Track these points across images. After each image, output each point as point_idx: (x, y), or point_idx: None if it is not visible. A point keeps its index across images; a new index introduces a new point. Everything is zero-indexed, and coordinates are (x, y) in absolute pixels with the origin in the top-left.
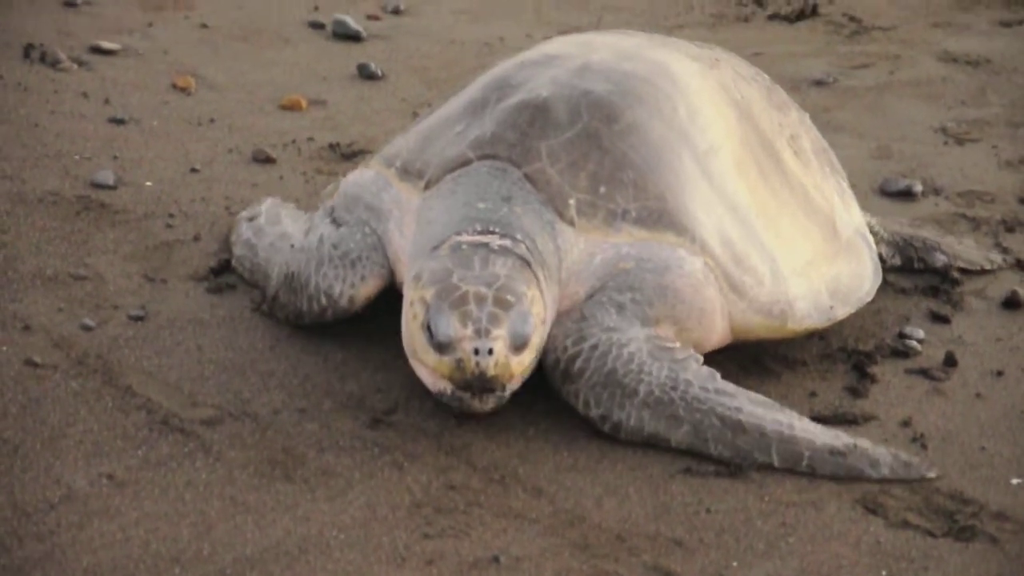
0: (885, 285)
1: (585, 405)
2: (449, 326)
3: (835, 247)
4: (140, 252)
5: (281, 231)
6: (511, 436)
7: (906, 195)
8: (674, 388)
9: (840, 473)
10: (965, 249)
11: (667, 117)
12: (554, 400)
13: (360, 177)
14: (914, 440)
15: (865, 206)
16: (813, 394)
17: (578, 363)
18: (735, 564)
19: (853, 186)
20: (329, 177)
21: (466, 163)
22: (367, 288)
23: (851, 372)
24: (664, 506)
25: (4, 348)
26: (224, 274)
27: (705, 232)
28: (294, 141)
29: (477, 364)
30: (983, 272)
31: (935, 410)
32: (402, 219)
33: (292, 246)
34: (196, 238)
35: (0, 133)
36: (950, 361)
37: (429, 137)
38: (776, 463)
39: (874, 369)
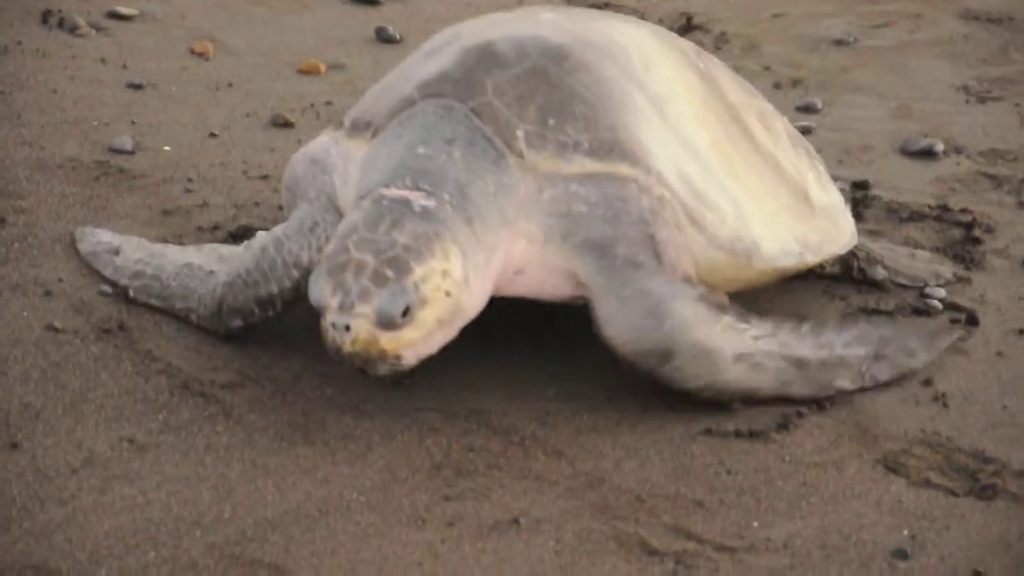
0: (905, 244)
1: (686, 380)
2: (320, 292)
3: (806, 210)
4: (159, 217)
5: (183, 260)
6: (530, 398)
7: (927, 155)
8: (756, 338)
9: (894, 375)
10: (913, 265)
11: (619, 61)
12: (571, 361)
13: (311, 145)
14: (935, 399)
15: (886, 167)
16: None
17: (666, 344)
18: (756, 524)
19: (872, 148)
20: None
21: (411, 104)
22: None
23: None
24: (684, 467)
25: (25, 313)
26: (242, 238)
27: (660, 164)
28: (312, 105)
29: (334, 339)
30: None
31: (957, 369)
32: (346, 170)
33: (220, 255)
34: (214, 203)
35: (19, 99)
36: (972, 320)
37: (379, 94)
38: (848, 387)
39: None
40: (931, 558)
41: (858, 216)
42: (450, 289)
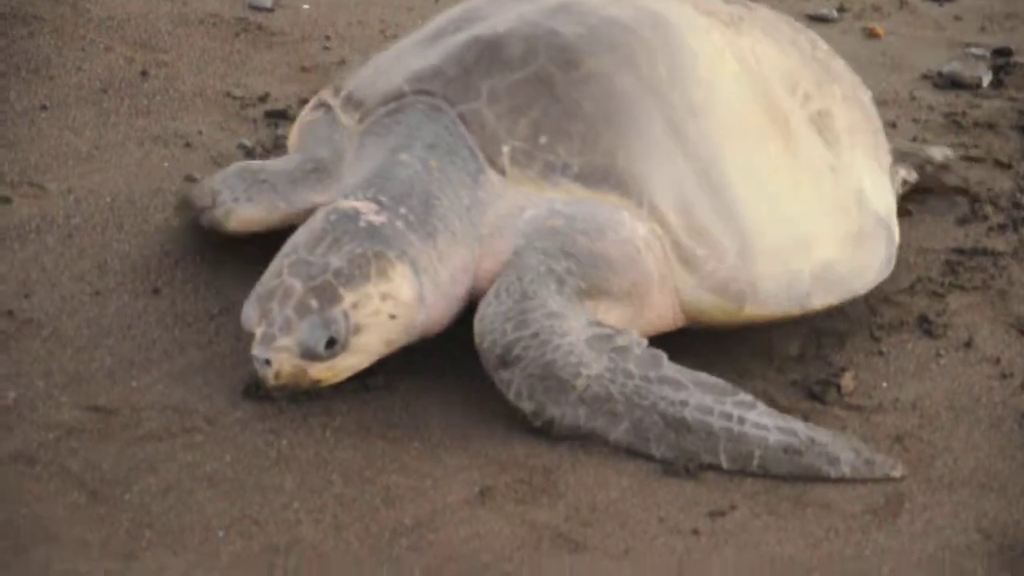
0: None
1: (517, 396)
2: (247, 319)
3: (842, 231)
4: (296, 74)
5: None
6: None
7: None
8: (612, 380)
9: (796, 472)
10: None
11: (640, 70)
12: None
13: (312, 109)
14: None
15: None
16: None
17: (516, 350)
18: (884, 385)
19: (1016, 15)
20: None
21: (400, 96)
22: (249, 212)
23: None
24: (815, 329)
25: (166, 164)
26: None
27: (658, 197)
28: None
29: (258, 371)
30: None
31: None
32: (349, 153)
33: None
34: (352, 60)
35: None
36: None
37: (380, 67)
38: (724, 464)
39: None
40: None
41: (998, 83)
42: (395, 312)
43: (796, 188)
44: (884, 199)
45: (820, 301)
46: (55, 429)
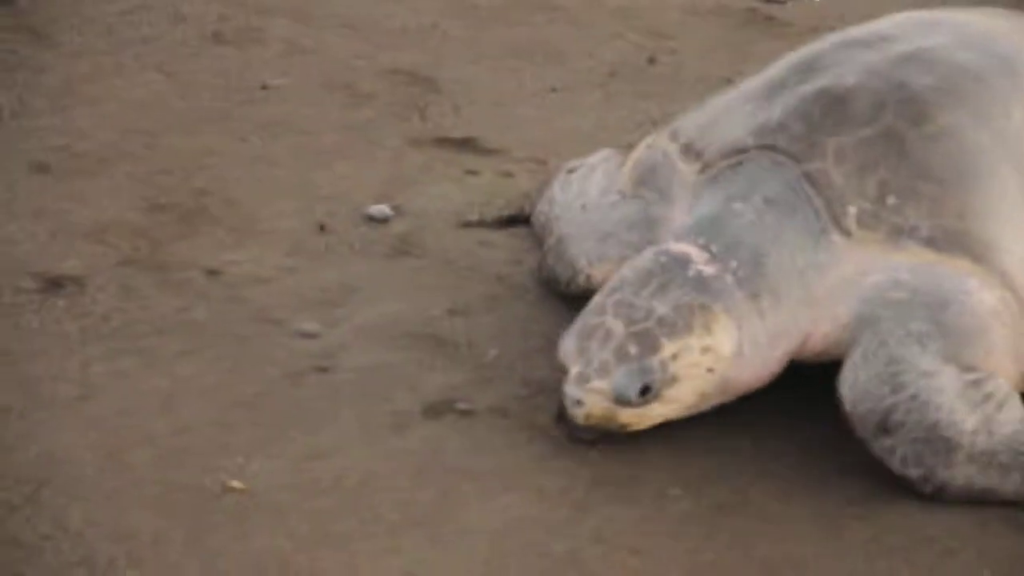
0: None
1: (903, 463)
2: (565, 354)
3: None
4: None
5: (582, 189)
6: None
7: None
8: (991, 432)
9: None
10: None
11: (994, 122)
12: None
13: (648, 151)
14: None
15: None
16: None
17: (897, 415)
18: None
19: None
20: None
21: (743, 150)
22: (607, 268)
23: None
24: None
25: None
26: None
27: (1009, 260)
28: None
29: (568, 408)
30: None
31: None
32: (684, 201)
33: (583, 206)
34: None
35: None
36: None
37: (719, 116)
38: None
39: None
40: None
41: None
42: (713, 366)
43: None
44: None
45: None
46: (529, 386)
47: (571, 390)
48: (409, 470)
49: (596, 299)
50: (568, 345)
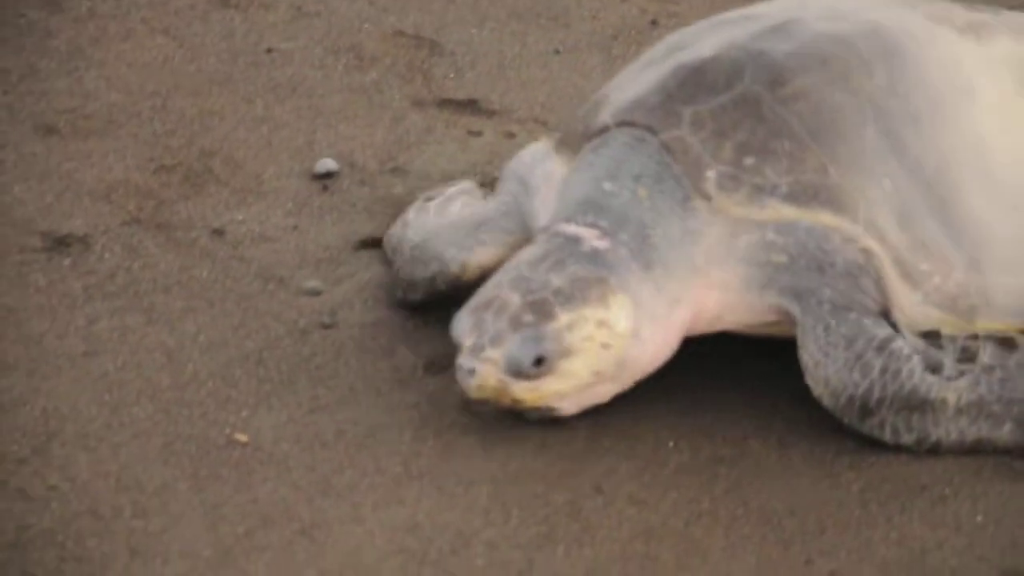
0: None
1: (894, 434)
2: (459, 328)
3: None
4: None
5: (439, 213)
6: None
7: None
8: (977, 382)
9: None
10: None
11: (854, 82)
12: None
13: (517, 156)
14: None
15: None
16: None
17: (875, 394)
18: None
19: None
20: None
21: (604, 130)
22: (482, 254)
23: None
24: None
25: None
26: None
27: (875, 212)
28: None
29: (460, 380)
30: None
31: None
32: (547, 195)
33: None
34: None
35: None
36: None
37: (594, 104)
38: None
39: None
40: None
41: None
42: (608, 341)
43: None
44: None
45: None
46: None
47: (464, 360)
48: (411, 423)
49: (492, 278)
50: (462, 320)
